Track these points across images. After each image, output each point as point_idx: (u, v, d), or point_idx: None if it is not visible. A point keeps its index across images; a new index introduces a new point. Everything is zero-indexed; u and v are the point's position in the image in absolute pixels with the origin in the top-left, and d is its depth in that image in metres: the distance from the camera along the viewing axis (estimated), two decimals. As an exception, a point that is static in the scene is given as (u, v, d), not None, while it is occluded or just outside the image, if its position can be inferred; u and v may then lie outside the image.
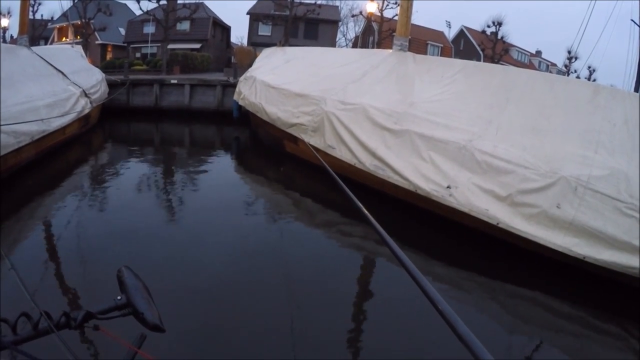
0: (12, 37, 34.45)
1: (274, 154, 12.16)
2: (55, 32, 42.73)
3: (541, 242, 6.19)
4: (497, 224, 6.57)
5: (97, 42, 38.71)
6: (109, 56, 40.54)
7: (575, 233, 6.04)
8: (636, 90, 22.68)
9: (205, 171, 11.48)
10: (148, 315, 1.44)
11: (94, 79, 15.34)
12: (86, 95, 13.36)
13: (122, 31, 42.60)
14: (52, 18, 39.75)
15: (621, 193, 5.99)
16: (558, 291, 5.95)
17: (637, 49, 22.26)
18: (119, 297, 1.50)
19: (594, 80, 39.36)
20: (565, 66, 39.52)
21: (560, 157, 6.67)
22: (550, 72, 43.79)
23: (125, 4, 43.20)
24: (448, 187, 7.17)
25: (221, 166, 12.54)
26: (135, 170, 11.11)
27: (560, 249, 6.05)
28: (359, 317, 5.19)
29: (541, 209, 6.30)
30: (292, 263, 6.26)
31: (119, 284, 1.55)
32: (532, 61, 52.54)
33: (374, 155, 8.38)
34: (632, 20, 23.59)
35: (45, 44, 38.00)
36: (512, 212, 6.54)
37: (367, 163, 8.45)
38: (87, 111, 13.12)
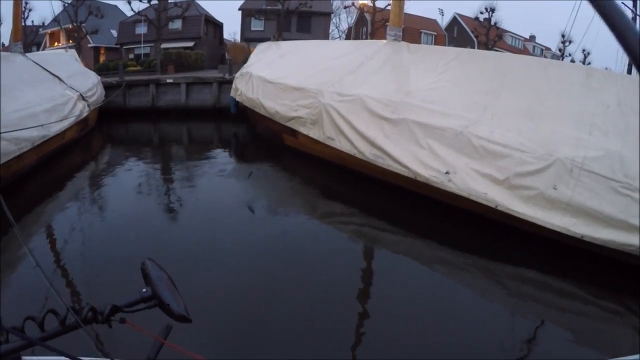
0: (3, 45, 34.23)
1: (273, 148, 12.24)
2: (47, 37, 42.43)
3: (539, 223, 6.31)
4: (496, 206, 6.68)
5: (89, 45, 38.52)
6: (102, 59, 40.34)
7: (572, 213, 6.15)
8: (629, 72, 22.66)
9: (206, 169, 11.52)
10: (174, 306, 1.48)
11: (90, 82, 15.35)
12: (83, 98, 13.37)
13: (114, 33, 42.38)
14: (43, 23, 39.52)
15: (616, 173, 6.09)
16: (558, 271, 6.07)
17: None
18: (144, 290, 1.52)
19: (589, 63, 39.31)
20: (560, 50, 39.40)
21: (555, 139, 6.77)
22: (545, 56, 43.72)
23: (116, 6, 42.88)
24: (447, 172, 7.28)
25: (222, 163, 12.56)
26: (136, 172, 11.18)
27: (558, 229, 6.17)
28: (371, 311, 5.25)
29: (538, 190, 6.42)
30: (301, 256, 6.35)
31: (144, 277, 1.57)
32: (527, 46, 52.33)
33: (373, 144, 8.48)
34: (622, 2, 23.49)
35: (38, 49, 37.73)
36: (510, 195, 6.66)
37: (367, 153, 8.55)
38: (85, 114, 13.14)
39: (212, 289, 5.18)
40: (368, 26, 37.91)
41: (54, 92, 11.84)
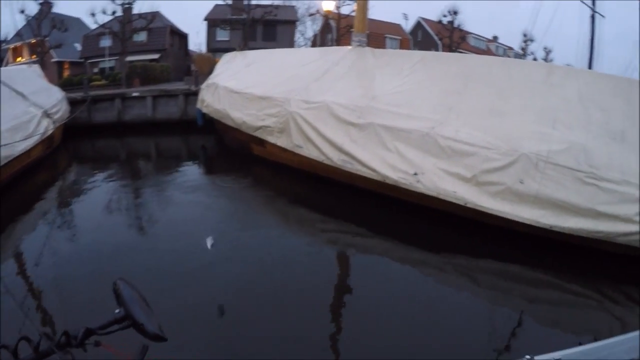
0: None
1: (241, 158, 12.16)
2: (10, 53, 41.48)
3: (509, 217, 6.47)
4: (465, 204, 6.80)
5: (52, 60, 37.74)
6: (66, 74, 39.48)
7: (540, 205, 6.33)
8: (590, 67, 23.37)
9: (175, 183, 11.35)
10: (148, 326, 1.46)
11: (54, 98, 14.91)
12: (48, 115, 13.04)
13: (78, 47, 41.68)
14: (5, 38, 38.66)
15: (580, 164, 6.29)
16: (531, 261, 6.24)
17: (588, 28, 22.99)
18: (117, 311, 1.50)
19: (551, 60, 40.31)
20: (522, 49, 40.34)
21: (520, 135, 6.94)
22: (508, 55, 44.60)
23: (79, 19, 42.29)
24: (415, 174, 7.36)
25: (190, 176, 12.40)
26: (104, 190, 10.89)
27: (527, 222, 6.33)
28: (351, 314, 5.25)
29: (505, 185, 6.58)
30: (276, 266, 6.28)
31: (116, 297, 1.54)
32: (490, 47, 53.27)
33: (340, 150, 8.52)
34: (581, 0, 24.24)
35: (0, 65, 36.93)
36: (478, 192, 6.79)
37: (335, 158, 8.58)
38: (50, 132, 12.81)
39: (186, 305, 5.08)
40: (333, 33, 38.08)
41: (17, 109, 11.50)
